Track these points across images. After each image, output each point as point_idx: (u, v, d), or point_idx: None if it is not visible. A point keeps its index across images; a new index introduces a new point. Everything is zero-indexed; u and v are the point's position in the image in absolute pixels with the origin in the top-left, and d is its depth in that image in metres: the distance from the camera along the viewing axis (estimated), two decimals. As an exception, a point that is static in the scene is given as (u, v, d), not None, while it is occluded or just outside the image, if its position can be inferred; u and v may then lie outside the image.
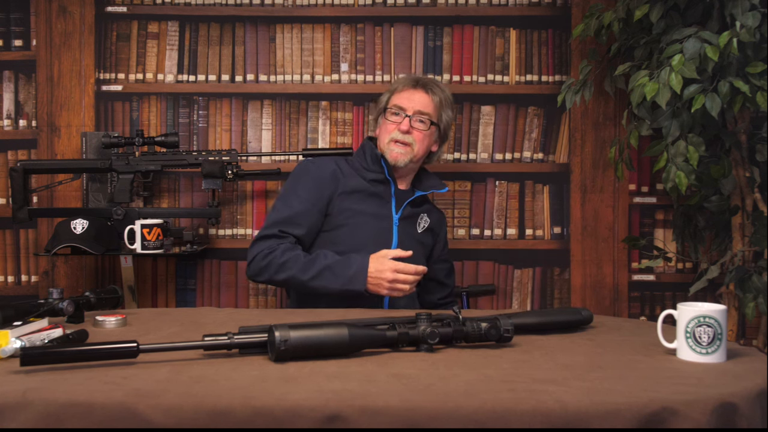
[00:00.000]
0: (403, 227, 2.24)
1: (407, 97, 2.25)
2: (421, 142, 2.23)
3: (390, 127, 2.23)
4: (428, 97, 2.26)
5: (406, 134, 2.21)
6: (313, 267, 2.02)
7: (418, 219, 2.29)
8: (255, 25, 2.79)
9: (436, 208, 2.42)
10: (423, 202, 2.33)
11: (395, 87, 2.30)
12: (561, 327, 1.67)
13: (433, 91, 2.27)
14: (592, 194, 2.79)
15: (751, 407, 1.23)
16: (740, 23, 2.10)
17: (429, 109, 2.25)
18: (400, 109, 2.24)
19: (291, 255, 2.05)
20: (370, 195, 2.21)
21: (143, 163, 2.60)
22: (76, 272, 2.78)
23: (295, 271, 2.03)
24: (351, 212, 2.17)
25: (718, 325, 1.41)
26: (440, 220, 2.40)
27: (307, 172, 2.22)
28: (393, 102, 2.26)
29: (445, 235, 2.42)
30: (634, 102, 2.23)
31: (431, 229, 2.33)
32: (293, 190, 2.19)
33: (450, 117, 2.33)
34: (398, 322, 1.50)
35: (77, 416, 1.17)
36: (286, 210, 2.14)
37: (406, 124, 2.21)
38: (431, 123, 2.25)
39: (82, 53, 2.77)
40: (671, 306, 1.53)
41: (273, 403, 1.18)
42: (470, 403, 1.18)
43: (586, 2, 2.74)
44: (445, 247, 2.42)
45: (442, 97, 2.29)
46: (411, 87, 2.27)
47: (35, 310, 1.61)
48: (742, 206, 2.41)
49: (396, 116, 2.24)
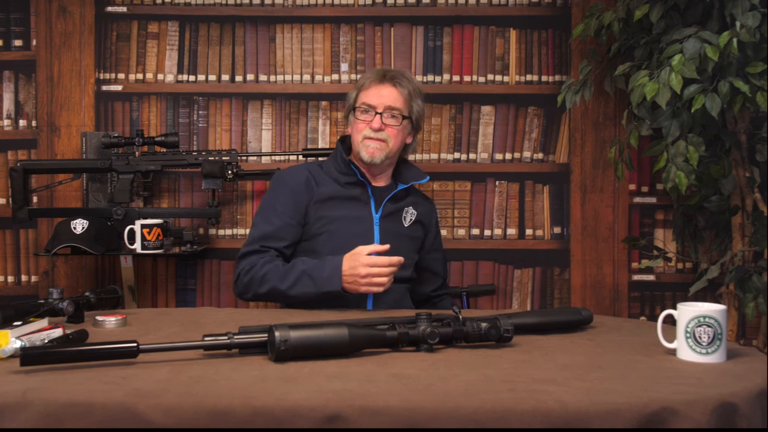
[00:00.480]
0: (385, 226, 2.19)
1: (375, 93, 2.18)
2: (395, 137, 2.17)
3: (361, 126, 2.18)
4: (397, 91, 2.19)
5: (379, 131, 2.15)
6: (290, 275, 1.98)
7: (403, 213, 2.24)
8: (255, 25, 2.79)
9: (424, 199, 2.36)
10: (407, 195, 2.27)
11: (362, 83, 2.22)
12: (561, 327, 1.67)
13: (401, 83, 2.20)
14: (592, 194, 2.79)
15: (751, 407, 1.23)
16: (740, 23, 2.10)
17: (399, 103, 2.18)
18: (369, 107, 2.17)
19: (270, 267, 2.01)
20: (347, 199, 2.17)
21: (143, 163, 2.60)
22: (76, 272, 2.78)
23: (275, 281, 1.99)
24: (327, 219, 2.14)
25: (718, 325, 1.41)
26: (429, 210, 2.34)
27: (282, 184, 2.18)
28: (361, 99, 2.19)
29: (436, 224, 2.38)
30: (634, 102, 2.23)
31: (420, 221, 2.28)
32: (271, 206, 2.16)
33: (420, 107, 2.26)
34: (398, 322, 1.50)
35: (77, 416, 1.17)
36: (267, 226, 2.11)
37: (378, 121, 2.15)
38: (403, 117, 2.19)
39: (82, 53, 2.77)
40: (671, 306, 1.53)
41: (273, 403, 1.18)
42: (470, 403, 1.18)
43: (586, 2, 2.74)
44: (438, 237, 2.38)
45: (411, 89, 2.22)
46: (378, 82, 2.19)
47: (35, 310, 1.61)
48: (742, 206, 2.40)
49: (366, 114, 2.18)
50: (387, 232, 2.18)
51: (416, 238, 2.28)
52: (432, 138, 2.80)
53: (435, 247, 2.37)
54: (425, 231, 2.32)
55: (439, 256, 2.38)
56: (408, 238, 2.24)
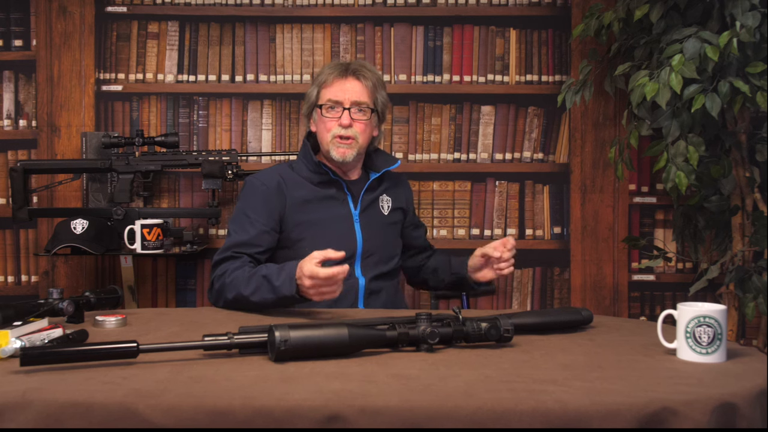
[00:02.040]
0: (366, 220, 2.12)
1: (340, 88, 2.08)
2: (363, 132, 2.09)
3: (329, 124, 2.08)
4: (361, 84, 2.09)
5: (348, 128, 2.06)
6: (252, 281, 1.86)
7: (380, 203, 2.17)
8: (255, 25, 2.79)
9: (396, 181, 2.26)
10: (380, 183, 2.19)
11: (323, 79, 2.11)
12: (561, 327, 1.67)
13: (364, 76, 2.10)
14: (592, 194, 2.79)
15: (751, 407, 1.23)
16: (740, 23, 2.10)
17: (365, 97, 2.09)
18: (335, 103, 2.08)
19: (237, 273, 1.91)
20: (323, 200, 2.10)
21: (143, 163, 2.60)
22: (76, 272, 2.78)
23: (240, 287, 1.88)
24: (306, 224, 2.07)
25: (718, 325, 1.41)
26: (403, 191, 2.27)
27: (254, 191, 2.08)
28: (326, 96, 2.09)
29: (411, 202, 2.30)
30: (634, 102, 2.23)
31: (398, 207, 2.22)
32: (244, 213, 2.07)
33: (385, 97, 2.16)
34: (398, 322, 1.50)
35: (77, 416, 1.17)
36: (241, 235, 2.02)
37: (347, 117, 2.06)
38: (370, 110, 2.10)
39: (82, 53, 2.77)
40: (671, 306, 1.53)
41: (273, 403, 1.18)
42: (470, 403, 1.18)
43: (586, 2, 2.74)
44: (414, 214, 2.32)
45: (374, 80, 2.12)
46: (341, 77, 2.09)
47: (35, 310, 1.61)
48: (742, 206, 2.41)
49: (332, 111, 2.08)
50: (369, 228, 2.12)
51: (397, 223, 2.22)
52: (432, 138, 2.80)
53: (415, 223, 2.31)
54: (404, 214, 2.26)
55: (421, 232, 2.33)
56: (389, 226, 2.19)
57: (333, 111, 2.09)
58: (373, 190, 2.17)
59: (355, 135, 2.08)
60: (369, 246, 2.09)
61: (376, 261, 2.11)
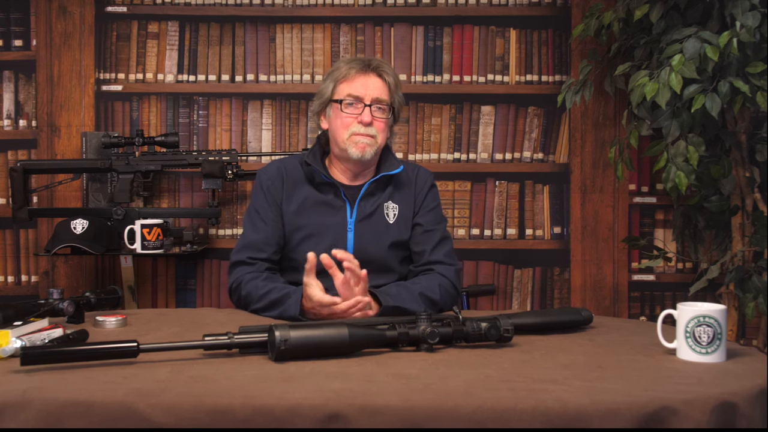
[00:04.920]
0: (362, 229, 1.99)
1: (362, 84, 1.97)
2: (382, 131, 1.99)
3: (347, 120, 1.96)
4: (383, 82, 1.99)
5: (369, 126, 1.95)
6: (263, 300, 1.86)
7: (384, 210, 2.03)
8: (255, 25, 2.80)
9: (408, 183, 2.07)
10: (386, 187, 2.05)
11: (343, 74, 1.99)
12: (561, 327, 1.67)
13: (386, 72, 2.00)
14: (592, 194, 2.79)
15: (751, 407, 1.23)
16: (740, 23, 2.10)
17: (385, 95, 1.98)
18: (355, 99, 1.96)
19: (250, 286, 1.89)
20: (318, 205, 2.00)
21: (143, 163, 2.60)
22: (76, 272, 2.78)
23: (253, 304, 1.88)
24: (302, 231, 1.99)
25: (718, 325, 1.41)
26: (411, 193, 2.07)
27: (260, 186, 2.04)
28: (345, 91, 1.97)
29: (426, 200, 2.07)
30: (634, 102, 2.23)
31: (408, 215, 2.04)
32: (255, 210, 2.03)
33: (402, 98, 2.06)
34: (398, 322, 1.50)
35: (77, 415, 1.17)
36: (254, 234, 1.99)
37: (368, 114, 1.94)
38: (389, 109, 2.00)
39: (82, 53, 2.77)
40: (671, 306, 1.53)
41: (273, 402, 1.18)
42: (470, 403, 1.18)
43: (586, 2, 2.74)
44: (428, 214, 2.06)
45: (395, 79, 2.03)
46: (362, 72, 1.98)
47: (35, 310, 1.61)
48: (742, 206, 2.41)
49: (352, 107, 1.96)
50: (363, 237, 1.99)
51: (404, 232, 2.04)
52: (432, 138, 2.81)
53: (425, 226, 2.05)
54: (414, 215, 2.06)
55: (425, 239, 2.04)
56: (393, 236, 2.02)
57: (352, 107, 1.97)
58: (374, 196, 2.03)
59: (375, 134, 1.97)
60: (362, 257, 1.83)
61: (369, 273, 1.80)
